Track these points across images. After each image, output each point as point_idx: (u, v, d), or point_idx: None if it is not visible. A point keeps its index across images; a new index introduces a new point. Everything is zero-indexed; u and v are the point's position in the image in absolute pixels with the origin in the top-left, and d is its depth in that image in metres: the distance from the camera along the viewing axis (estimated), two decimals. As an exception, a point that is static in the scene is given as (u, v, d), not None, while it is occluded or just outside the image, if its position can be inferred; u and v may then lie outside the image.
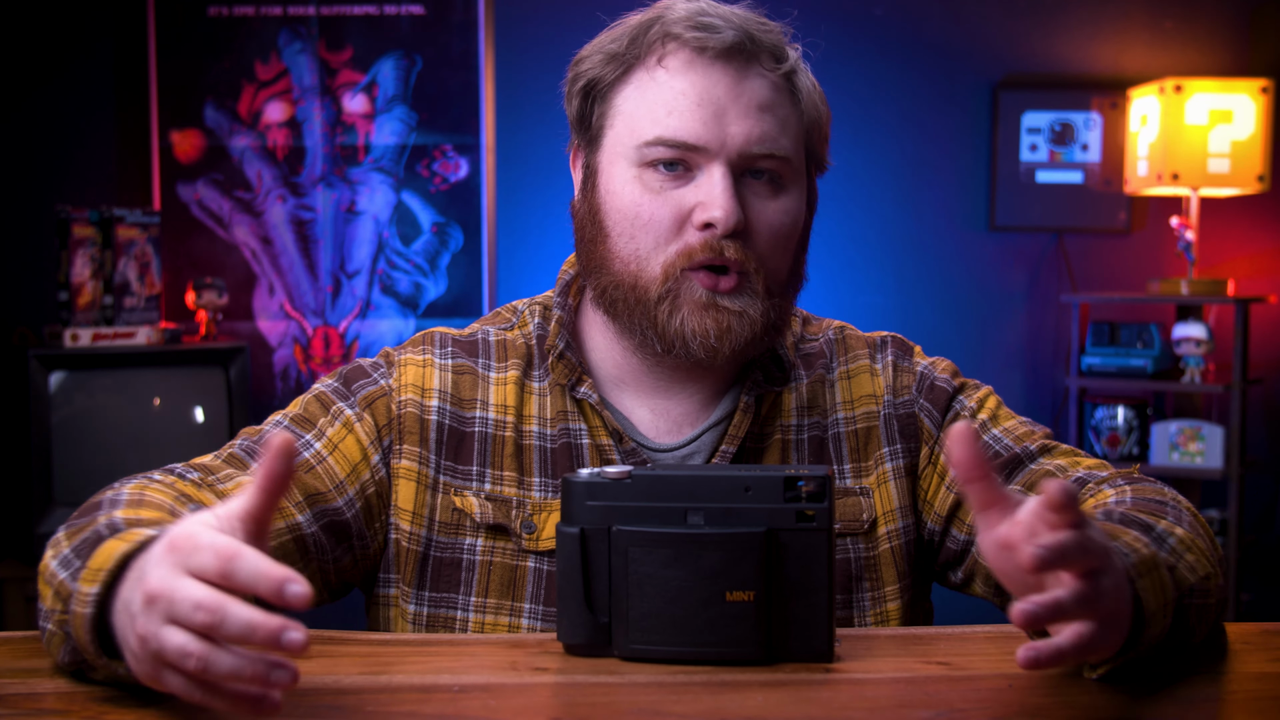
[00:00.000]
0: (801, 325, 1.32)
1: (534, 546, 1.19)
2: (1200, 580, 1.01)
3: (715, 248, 1.15)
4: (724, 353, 1.17)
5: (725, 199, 1.14)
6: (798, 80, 1.21)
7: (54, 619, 0.94)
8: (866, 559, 1.23)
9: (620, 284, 1.19)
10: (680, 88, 1.16)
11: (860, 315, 3.93)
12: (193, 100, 3.52)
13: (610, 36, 1.21)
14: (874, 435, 1.26)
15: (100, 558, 0.89)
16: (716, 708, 0.89)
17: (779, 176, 1.19)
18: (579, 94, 1.22)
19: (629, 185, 1.18)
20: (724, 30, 1.16)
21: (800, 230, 1.23)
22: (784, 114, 1.19)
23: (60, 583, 0.93)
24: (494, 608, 1.19)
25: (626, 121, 1.19)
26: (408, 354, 1.26)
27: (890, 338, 1.32)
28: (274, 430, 1.21)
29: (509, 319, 1.30)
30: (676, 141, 1.16)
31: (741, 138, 1.16)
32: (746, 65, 1.17)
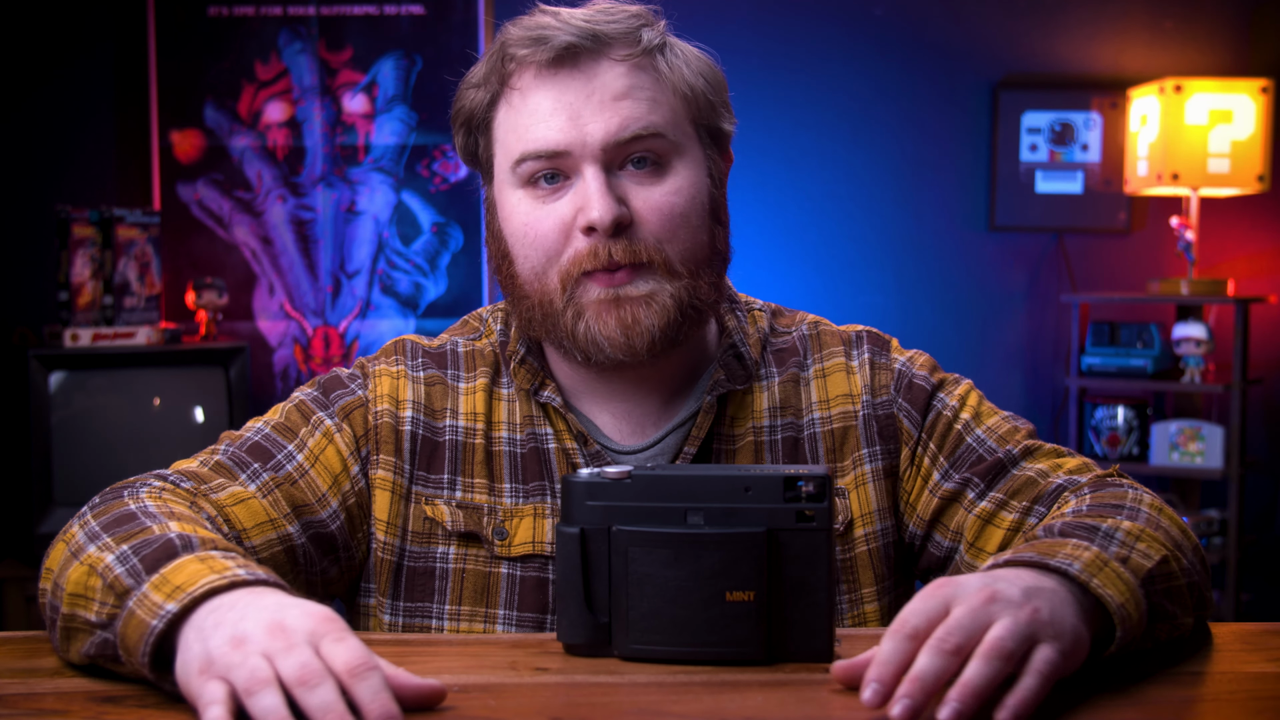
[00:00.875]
0: (770, 319, 1.30)
1: (506, 553, 1.19)
2: (1158, 564, 1.00)
3: (602, 252, 1.14)
4: (640, 348, 1.15)
5: (599, 199, 1.13)
6: (660, 58, 1.18)
7: (94, 610, 0.95)
8: (843, 561, 1.22)
9: (533, 305, 1.19)
10: (534, 102, 1.16)
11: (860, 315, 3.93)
12: (193, 100, 3.52)
13: (476, 68, 1.22)
14: (851, 436, 1.24)
15: (183, 575, 0.91)
16: (716, 708, 0.89)
17: (659, 157, 1.17)
18: (461, 130, 1.24)
19: (518, 208, 1.18)
20: (557, 36, 1.14)
21: (704, 205, 1.19)
22: (648, 94, 1.16)
23: (116, 578, 0.94)
24: (468, 615, 1.19)
25: (502, 148, 1.20)
26: (381, 364, 1.26)
27: (865, 332, 1.30)
28: (256, 437, 1.21)
29: (476, 328, 1.30)
30: (540, 152, 1.15)
31: (601, 131, 1.14)
32: (594, 61, 1.16)
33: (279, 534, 1.15)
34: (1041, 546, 0.98)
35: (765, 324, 1.29)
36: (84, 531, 1.02)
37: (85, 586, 0.96)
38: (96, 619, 0.95)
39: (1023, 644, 0.86)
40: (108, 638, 0.93)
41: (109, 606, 0.94)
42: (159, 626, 0.89)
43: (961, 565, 1.21)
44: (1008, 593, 0.89)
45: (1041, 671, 0.86)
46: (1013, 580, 0.91)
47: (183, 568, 0.92)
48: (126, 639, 0.91)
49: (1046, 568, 0.94)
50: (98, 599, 0.95)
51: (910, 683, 0.83)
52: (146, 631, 0.89)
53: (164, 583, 0.92)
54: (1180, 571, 1.03)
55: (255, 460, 1.18)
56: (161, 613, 0.89)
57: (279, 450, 1.20)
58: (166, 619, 0.89)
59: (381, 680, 0.82)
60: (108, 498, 1.08)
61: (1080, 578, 0.93)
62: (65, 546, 1.03)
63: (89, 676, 0.96)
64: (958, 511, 1.21)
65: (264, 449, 1.20)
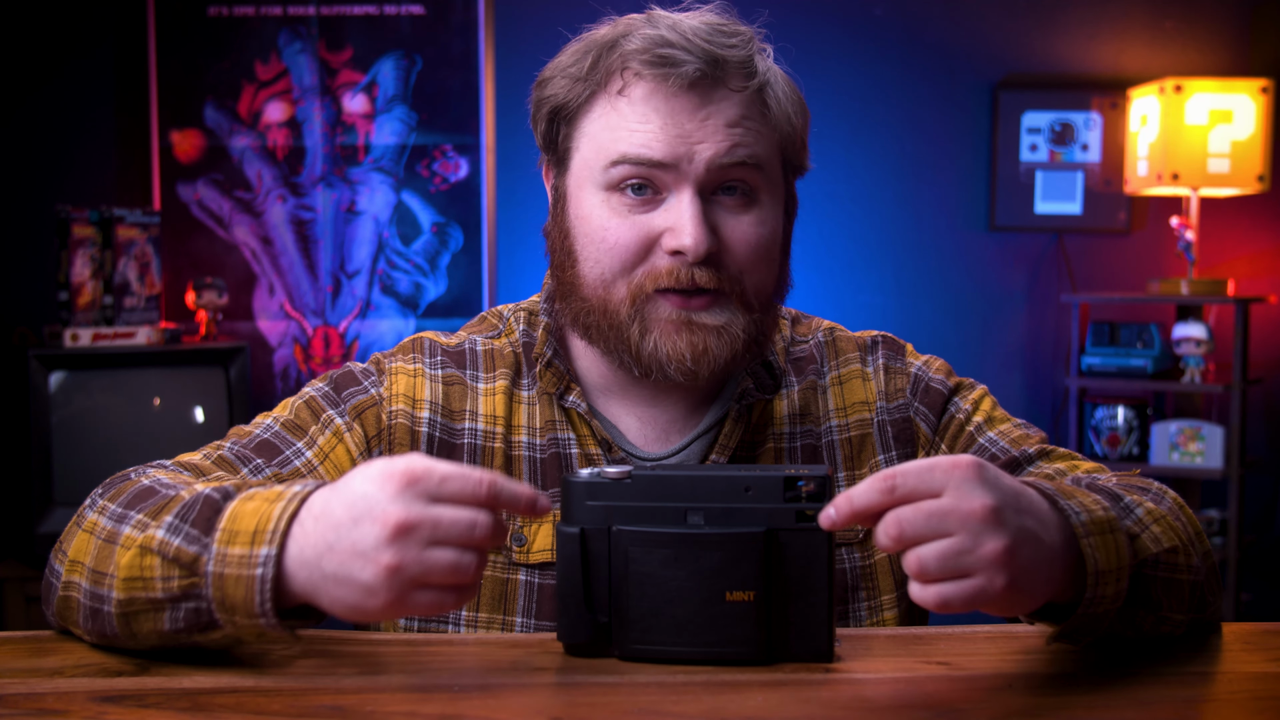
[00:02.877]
0: (791, 326, 1.31)
1: (525, 559, 1.19)
2: (1165, 552, 1.00)
3: (684, 276, 1.13)
4: (704, 374, 1.15)
5: (694, 225, 1.12)
6: (769, 93, 1.17)
7: (159, 587, 0.95)
8: (863, 568, 1.22)
9: (591, 309, 1.17)
10: (644, 113, 1.14)
11: (860, 315, 3.94)
12: (193, 100, 3.52)
13: (572, 58, 1.18)
14: (868, 443, 1.25)
15: (244, 520, 0.94)
16: (716, 708, 0.89)
17: (752, 189, 1.16)
18: (545, 118, 1.20)
19: (597, 209, 1.16)
20: (685, 64, 1.12)
21: (779, 239, 1.20)
22: (755, 127, 1.16)
23: (179, 549, 0.95)
24: (485, 621, 1.18)
25: (592, 144, 1.17)
26: (398, 362, 1.25)
27: (881, 338, 1.30)
28: (265, 434, 1.20)
29: (496, 325, 1.29)
30: (641, 159, 1.13)
31: (710, 152, 1.13)
32: (712, 89, 1.14)
33: None
34: (1060, 486, 0.98)
35: (788, 332, 1.30)
36: (107, 516, 1.02)
37: (142, 568, 0.96)
38: (166, 595, 0.95)
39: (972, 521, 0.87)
40: (199, 606, 0.94)
41: (178, 579, 0.95)
42: (268, 573, 0.91)
43: None
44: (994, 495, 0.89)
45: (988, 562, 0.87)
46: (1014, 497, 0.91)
47: (238, 514, 0.94)
48: (229, 599, 0.92)
49: (1055, 504, 0.95)
50: (159, 575, 0.95)
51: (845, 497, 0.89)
52: (255, 583, 0.91)
53: (231, 536, 0.93)
54: (1185, 567, 1.03)
55: (260, 456, 1.18)
56: (259, 559, 0.92)
57: (287, 447, 1.19)
58: (270, 562, 0.91)
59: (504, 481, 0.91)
60: (114, 483, 1.08)
61: (1078, 530, 0.94)
62: (91, 536, 1.02)
63: (89, 676, 0.96)
64: None
65: (271, 445, 1.19)
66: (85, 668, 0.98)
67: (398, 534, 0.87)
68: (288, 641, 0.97)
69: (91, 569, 1.00)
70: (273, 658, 1.00)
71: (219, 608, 0.93)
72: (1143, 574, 0.99)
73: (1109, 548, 0.95)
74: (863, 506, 0.89)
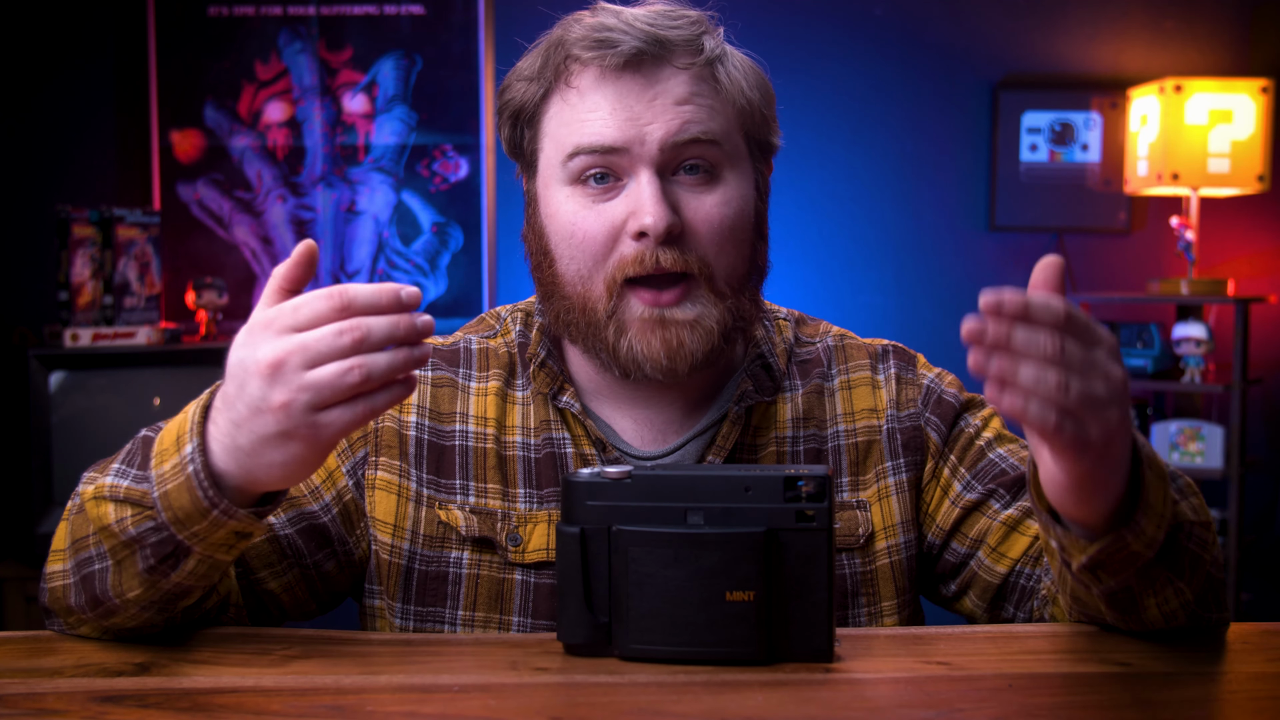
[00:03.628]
0: (795, 327, 1.30)
1: (520, 559, 1.18)
2: (1200, 525, 1.02)
3: (649, 259, 1.13)
4: (680, 370, 1.15)
5: (653, 204, 1.12)
6: (721, 68, 1.17)
7: (119, 528, 0.98)
8: (863, 574, 1.22)
9: (571, 307, 1.17)
10: (593, 101, 1.15)
11: (860, 315, 3.94)
12: (193, 100, 3.52)
13: (526, 60, 1.20)
14: (875, 449, 1.24)
15: (169, 436, 0.98)
16: (716, 708, 0.89)
17: (713, 166, 1.16)
18: (508, 122, 1.22)
19: (564, 205, 1.17)
20: (624, 41, 1.13)
21: (749, 219, 1.19)
22: (708, 103, 1.16)
23: (127, 489, 0.98)
24: (482, 621, 1.18)
25: (552, 142, 1.18)
26: None
27: (892, 347, 1.30)
28: None
29: (492, 326, 1.29)
30: (595, 147, 1.14)
31: (660, 132, 1.13)
32: (656, 68, 1.15)
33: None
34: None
35: (790, 333, 1.29)
36: (74, 499, 1.06)
37: (99, 518, 1.00)
38: (125, 536, 0.98)
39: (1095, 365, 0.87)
40: (162, 537, 0.97)
41: (130, 518, 0.98)
42: (197, 463, 0.94)
43: (979, 569, 1.21)
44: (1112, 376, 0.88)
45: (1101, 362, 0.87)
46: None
47: (164, 437, 0.99)
48: (180, 511, 0.96)
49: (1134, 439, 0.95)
50: (114, 520, 0.98)
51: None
52: (192, 481, 0.95)
53: (162, 456, 0.97)
54: (1210, 552, 1.04)
55: None
56: (185, 457, 0.95)
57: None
58: (194, 456, 0.95)
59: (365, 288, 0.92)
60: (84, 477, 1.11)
61: (1144, 457, 0.95)
62: (66, 522, 1.06)
63: (89, 676, 0.97)
64: (979, 520, 1.21)
65: None
66: (85, 668, 0.98)
67: (272, 373, 0.90)
68: (254, 528, 0.98)
69: (72, 544, 1.04)
70: (273, 658, 1.01)
71: (177, 526, 0.96)
72: (1176, 539, 1.00)
73: (1160, 492, 0.96)
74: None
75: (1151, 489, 0.95)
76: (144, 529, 0.97)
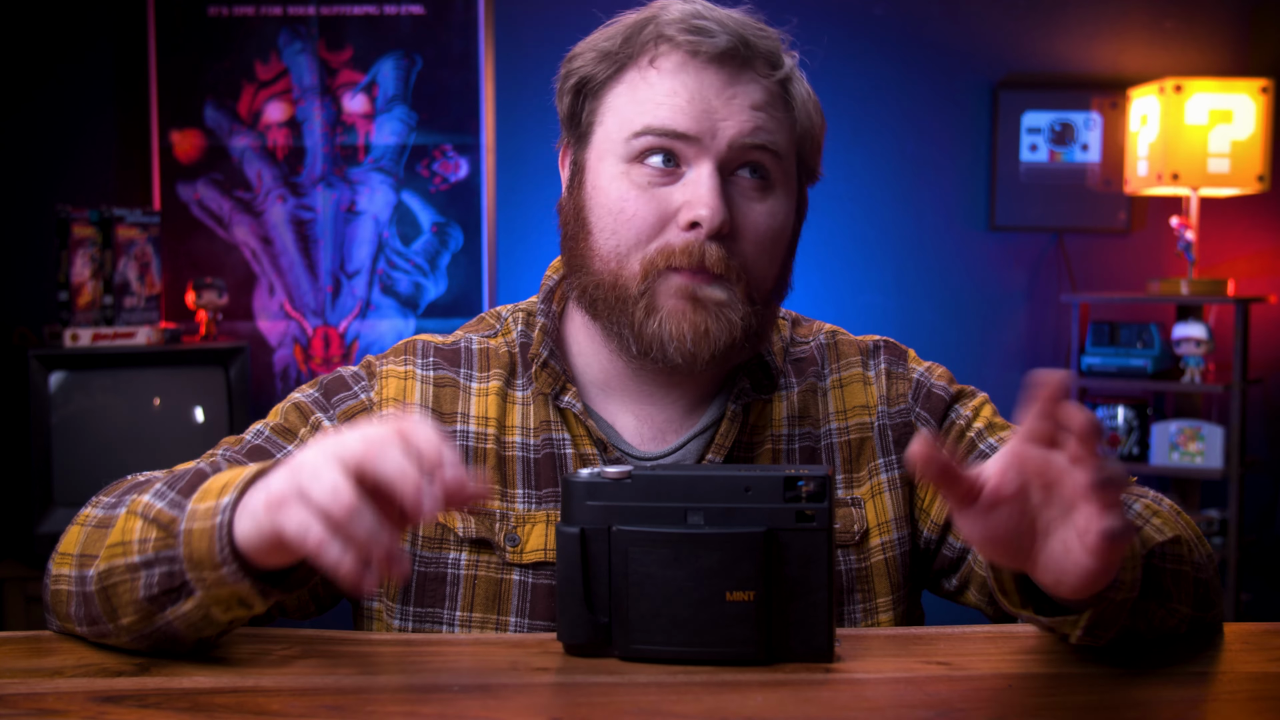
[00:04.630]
0: (790, 327, 1.31)
1: (518, 559, 1.18)
2: (1169, 543, 1.02)
3: (696, 252, 1.13)
4: (702, 358, 1.15)
5: (712, 197, 1.13)
6: (792, 88, 1.20)
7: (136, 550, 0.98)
8: (859, 570, 1.22)
9: (600, 282, 1.17)
10: (672, 86, 1.15)
11: (860, 315, 3.94)
12: (193, 100, 3.52)
13: (604, 35, 1.20)
14: (868, 446, 1.25)
15: (220, 481, 0.96)
16: (716, 708, 0.89)
17: (769, 175, 1.17)
18: (570, 91, 1.21)
19: (616, 181, 1.16)
20: (718, 35, 1.15)
21: (788, 236, 1.21)
22: (778, 116, 1.18)
23: (159, 511, 0.98)
24: (479, 622, 1.18)
25: (616, 117, 1.18)
26: (389, 365, 1.25)
27: (883, 343, 1.30)
28: (257, 440, 1.21)
29: (493, 325, 1.29)
30: (665, 130, 1.14)
31: (732, 130, 1.14)
32: (740, 70, 1.16)
33: None
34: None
35: (787, 333, 1.30)
36: (99, 508, 1.05)
37: (124, 532, 0.99)
38: (141, 557, 0.97)
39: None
40: (171, 569, 0.96)
41: (153, 541, 0.97)
42: (223, 520, 0.93)
43: (975, 565, 1.21)
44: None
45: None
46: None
47: (217, 479, 0.97)
48: (194, 554, 0.94)
49: None
50: (137, 538, 0.98)
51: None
52: (213, 532, 0.93)
53: (205, 494, 0.96)
54: (1189, 561, 1.04)
55: (253, 461, 1.18)
56: (220, 507, 0.94)
57: (279, 451, 1.19)
58: (227, 509, 0.93)
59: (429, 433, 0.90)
60: (111, 488, 1.11)
61: None
62: (81, 528, 1.05)
63: (89, 676, 0.97)
64: None
65: (264, 450, 1.19)
66: (85, 668, 0.98)
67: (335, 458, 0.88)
68: (254, 601, 0.96)
69: (80, 555, 1.03)
70: (273, 658, 1.01)
71: (189, 565, 0.95)
72: (1152, 564, 1.00)
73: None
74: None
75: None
76: (161, 554, 0.96)
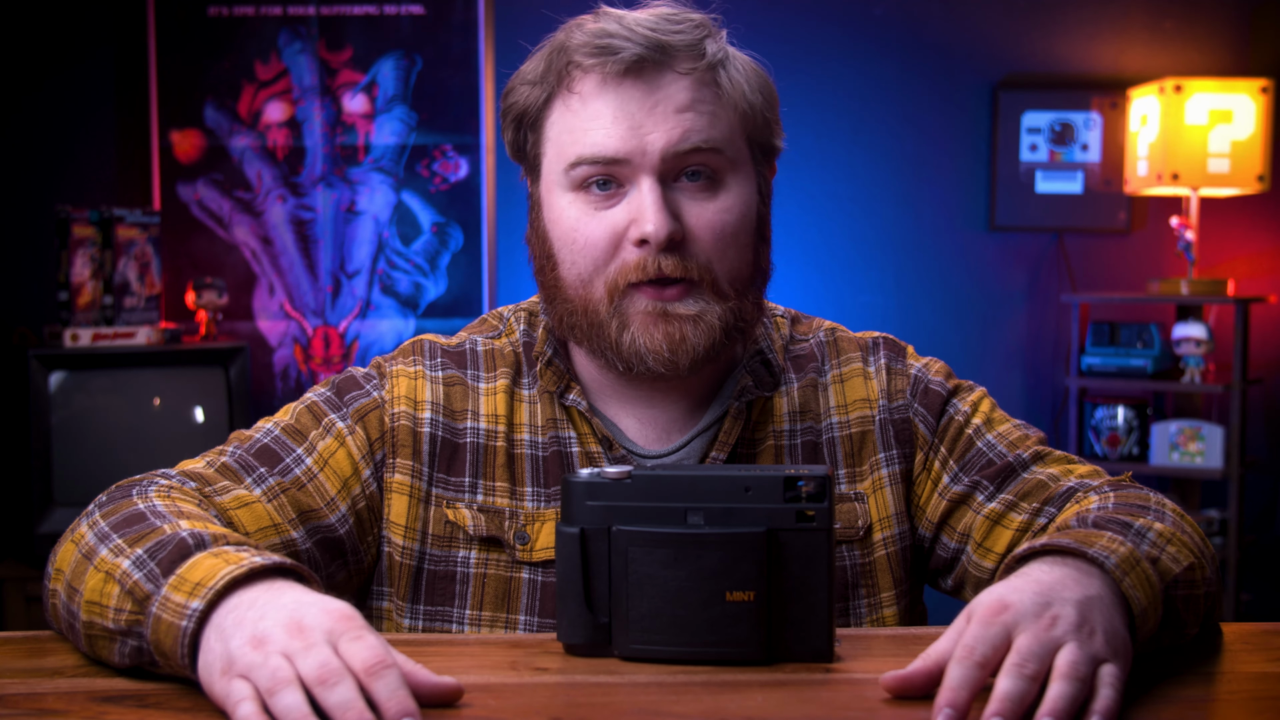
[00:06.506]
0: (790, 325, 1.31)
1: (528, 557, 1.18)
2: (1184, 571, 1.02)
3: (651, 266, 1.13)
4: (682, 364, 1.15)
5: (654, 212, 1.12)
6: (721, 73, 1.17)
7: (111, 617, 0.95)
8: (862, 565, 1.22)
9: (574, 310, 1.18)
10: (595, 109, 1.15)
11: (860, 315, 3.94)
12: (193, 100, 3.52)
13: (530, 64, 1.20)
14: (869, 440, 1.25)
15: (199, 571, 0.92)
16: (716, 708, 0.89)
17: (715, 173, 1.16)
18: (511, 125, 1.22)
19: (566, 211, 1.17)
20: (624, 49, 1.13)
21: (751, 223, 1.19)
22: (709, 109, 1.16)
23: (135, 583, 0.95)
24: (489, 620, 1.18)
25: (554, 148, 1.18)
26: (399, 364, 1.25)
27: (882, 339, 1.30)
28: (265, 439, 1.21)
29: (496, 327, 1.29)
30: (597, 158, 1.14)
31: (662, 142, 1.13)
32: (658, 74, 1.15)
33: (282, 539, 1.15)
34: (1077, 535, 0.99)
35: (787, 330, 1.30)
36: (93, 532, 1.03)
37: (101, 594, 0.97)
38: (115, 626, 0.95)
39: (1092, 666, 0.87)
40: (141, 646, 0.94)
41: (127, 614, 0.94)
42: (189, 627, 0.89)
43: (969, 566, 1.21)
44: (1066, 615, 0.89)
45: (1114, 685, 0.87)
46: (1061, 589, 0.91)
47: (198, 564, 0.93)
48: (161, 644, 0.92)
49: (1084, 556, 0.95)
50: (113, 605, 0.95)
51: (1001, 702, 0.83)
52: (179, 634, 0.90)
53: (182, 582, 0.92)
54: (1202, 581, 1.04)
55: (262, 464, 1.18)
56: (188, 611, 0.90)
57: (288, 454, 1.19)
58: (195, 617, 0.89)
59: (399, 678, 0.83)
60: (115, 496, 1.08)
61: (1115, 574, 0.94)
62: (75, 548, 1.03)
63: (89, 676, 0.97)
64: (966, 513, 1.22)
65: (272, 452, 1.19)
66: (85, 668, 0.98)
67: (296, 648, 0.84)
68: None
69: (69, 583, 1.01)
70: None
71: (155, 650, 0.93)
72: (1168, 594, 1.00)
73: (1142, 582, 0.96)
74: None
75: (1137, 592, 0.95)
76: (133, 628, 0.94)
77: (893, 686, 0.90)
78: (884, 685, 0.90)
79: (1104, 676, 0.87)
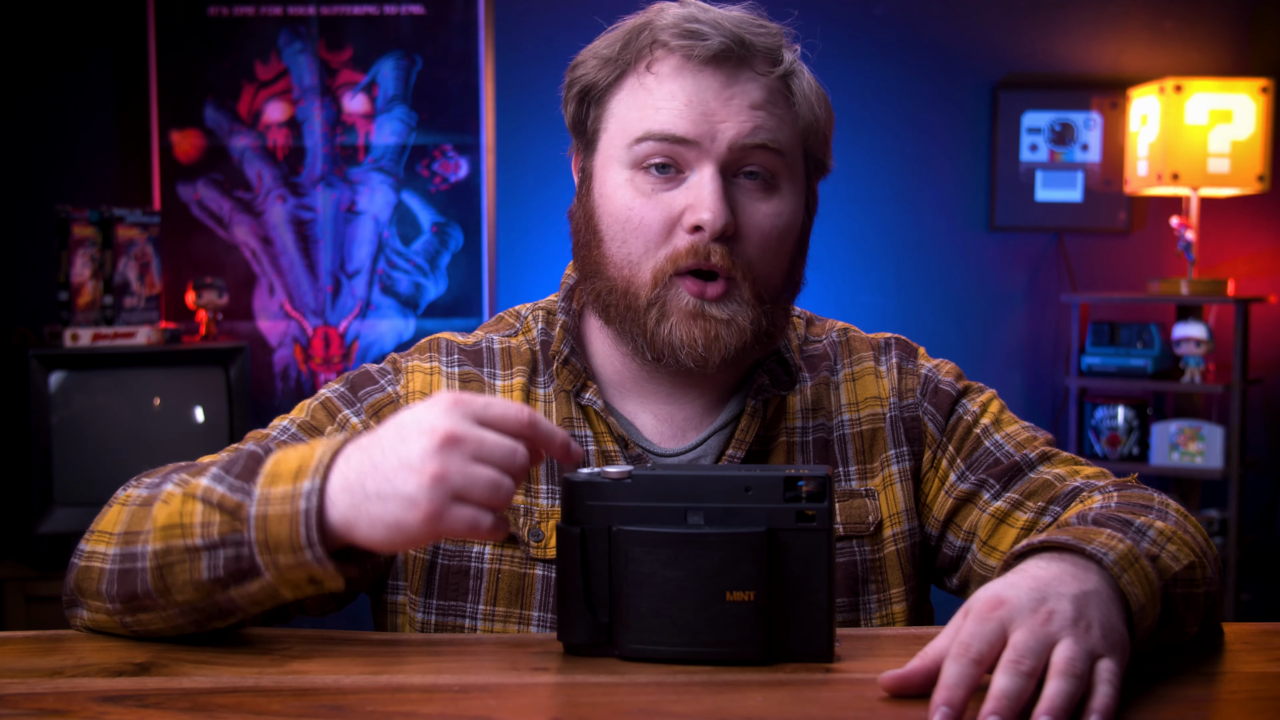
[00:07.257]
0: (805, 326, 1.32)
1: (542, 554, 1.19)
2: (1184, 569, 1.02)
3: (701, 251, 1.14)
4: (713, 361, 1.16)
5: (713, 200, 1.14)
6: (794, 83, 1.20)
7: (198, 533, 0.97)
8: (873, 561, 1.23)
9: (614, 289, 1.18)
10: (669, 90, 1.16)
11: (860, 315, 3.93)
12: (193, 100, 3.52)
13: (605, 41, 1.21)
14: (879, 437, 1.26)
15: (289, 463, 0.96)
16: (716, 708, 0.89)
17: (772, 176, 1.18)
18: (575, 99, 1.22)
19: (621, 189, 1.17)
20: (712, 37, 1.15)
21: (796, 234, 1.22)
22: (779, 113, 1.18)
23: (223, 496, 0.97)
24: (503, 616, 1.19)
25: (619, 124, 1.19)
26: (415, 361, 1.25)
27: (894, 339, 1.32)
28: (282, 436, 1.20)
29: (512, 325, 1.30)
30: (664, 135, 1.15)
31: (732, 132, 1.15)
32: (737, 69, 1.17)
33: None
34: (1076, 532, 0.99)
35: (802, 330, 1.31)
36: (143, 488, 1.05)
37: (181, 514, 0.99)
38: (205, 540, 0.97)
39: (1089, 662, 0.87)
40: (239, 552, 0.96)
41: (219, 524, 0.97)
42: (309, 506, 0.93)
43: (974, 564, 1.22)
44: (1062, 610, 0.89)
45: (1112, 681, 0.87)
46: (1058, 585, 0.91)
47: (282, 459, 0.97)
48: (271, 539, 0.94)
49: (1082, 553, 0.95)
50: (199, 521, 0.97)
51: (998, 700, 0.83)
52: (297, 517, 0.93)
53: (275, 478, 0.96)
54: (1202, 580, 1.04)
55: None
56: (302, 492, 0.94)
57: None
58: (314, 495, 0.93)
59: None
60: (153, 472, 1.10)
61: (1112, 570, 0.95)
62: (124, 507, 1.04)
63: (89, 676, 0.97)
64: (971, 512, 1.23)
65: None
66: (85, 668, 0.98)
67: (445, 444, 0.90)
68: (330, 580, 0.96)
69: (123, 533, 1.02)
70: (273, 657, 1.01)
71: (261, 549, 0.95)
72: (1166, 592, 1.00)
73: (1140, 579, 0.96)
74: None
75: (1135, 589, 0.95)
76: (227, 538, 0.96)
77: (891, 685, 0.90)
78: (882, 684, 0.90)
79: (1101, 673, 0.87)
